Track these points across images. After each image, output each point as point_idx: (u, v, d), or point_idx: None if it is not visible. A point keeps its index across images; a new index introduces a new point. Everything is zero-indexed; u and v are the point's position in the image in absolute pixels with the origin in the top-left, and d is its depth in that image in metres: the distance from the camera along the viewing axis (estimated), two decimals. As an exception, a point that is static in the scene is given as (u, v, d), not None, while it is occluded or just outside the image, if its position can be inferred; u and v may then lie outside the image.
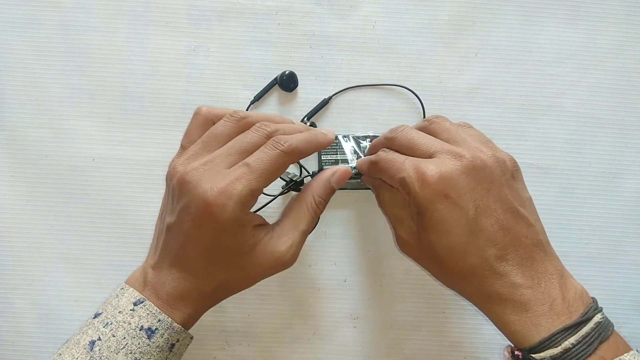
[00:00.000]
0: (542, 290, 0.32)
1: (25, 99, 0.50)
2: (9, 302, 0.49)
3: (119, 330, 0.34)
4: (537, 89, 0.51)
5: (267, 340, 0.50)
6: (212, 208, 0.33)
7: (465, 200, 0.32)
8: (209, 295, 0.37)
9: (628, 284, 0.51)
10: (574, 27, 0.52)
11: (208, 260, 0.35)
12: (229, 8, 0.51)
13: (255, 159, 0.34)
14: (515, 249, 0.33)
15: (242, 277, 0.37)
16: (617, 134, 0.51)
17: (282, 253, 0.36)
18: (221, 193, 0.33)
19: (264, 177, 0.34)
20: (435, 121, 0.38)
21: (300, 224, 0.38)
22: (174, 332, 0.35)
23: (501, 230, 0.33)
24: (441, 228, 0.33)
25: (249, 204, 0.34)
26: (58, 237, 0.50)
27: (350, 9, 0.51)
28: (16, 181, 0.50)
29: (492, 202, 0.33)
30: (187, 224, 0.34)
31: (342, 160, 0.49)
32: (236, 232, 0.34)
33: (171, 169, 0.36)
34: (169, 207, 0.36)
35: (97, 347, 0.33)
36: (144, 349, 0.34)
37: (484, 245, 0.33)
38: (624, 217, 0.51)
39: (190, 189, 0.33)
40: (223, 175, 0.34)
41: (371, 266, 0.50)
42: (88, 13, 0.50)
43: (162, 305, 0.35)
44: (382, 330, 0.50)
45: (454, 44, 0.51)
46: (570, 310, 0.32)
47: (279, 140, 0.35)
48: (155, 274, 0.36)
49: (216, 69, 0.51)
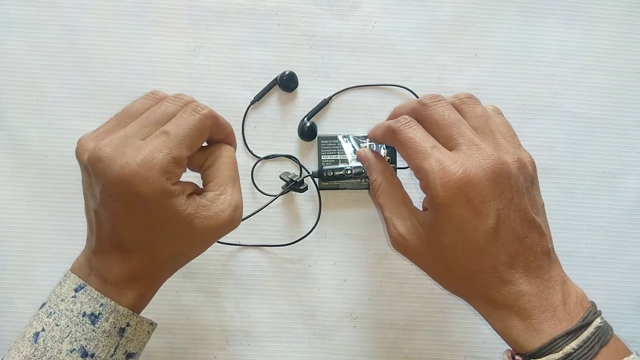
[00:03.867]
0: (546, 297, 0.32)
1: (25, 99, 0.50)
2: (9, 302, 0.49)
3: (62, 319, 0.33)
4: (536, 89, 0.51)
5: (267, 340, 0.50)
6: (133, 184, 0.30)
7: (488, 208, 0.31)
8: (159, 269, 0.35)
9: (628, 284, 0.51)
10: (573, 28, 0.52)
11: (148, 236, 0.33)
12: (228, 8, 0.51)
13: (174, 125, 0.32)
14: (525, 257, 0.32)
15: (191, 246, 0.35)
16: (616, 134, 0.51)
17: (227, 213, 0.34)
18: (140, 166, 0.30)
19: (185, 143, 0.32)
20: (468, 102, 0.35)
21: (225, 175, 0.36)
22: (119, 315, 0.33)
23: (516, 240, 0.32)
24: (457, 232, 0.32)
25: (174, 173, 0.32)
26: (58, 237, 0.50)
27: (350, 9, 0.51)
28: (16, 181, 0.50)
29: (512, 212, 0.32)
30: (113, 205, 0.32)
31: (342, 160, 0.49)
32: (167, 204, 0.32)
33: (79, 146, 0.34)
34: (89, 191, 0.34)
35: (41, 338, 0.32)
36: (89, 335, 0.33)
37: (497, 253, 0.32)
38: (624, 217, 0.51)
39: (104, 168, 0.31)
40: (138, 147, 0.31)
41: (371, 266, 0.50)
42: (88, 13, 0.50)
43: (110, 288, 0.33)
44: (382, 330, 0.50)
45: (454, 44, 0.51)
46: (571, 316, 0.32)
47: (198, 105, 0.34)
48: (98, 259, 0.34)
49: (216, 69, 0.51)
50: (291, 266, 0.50)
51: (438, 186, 0.31)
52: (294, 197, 0.50)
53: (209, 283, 0.50)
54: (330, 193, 0.50)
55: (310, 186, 0.49)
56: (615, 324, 0.34)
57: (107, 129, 0.34)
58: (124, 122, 0.34)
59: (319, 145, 0.49)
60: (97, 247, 0.34)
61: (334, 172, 0.47)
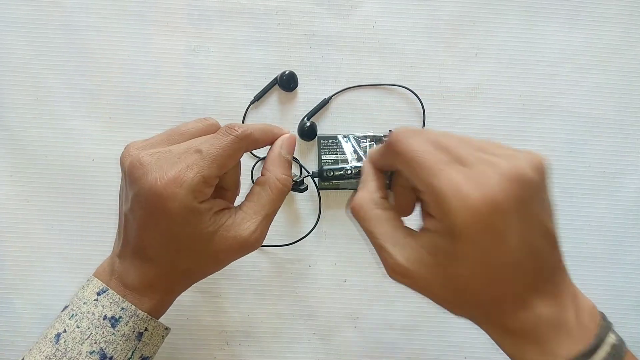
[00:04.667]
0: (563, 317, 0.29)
1: (25, 99, 0.50)
2: (9, 302, 0.49)
3: (83, 321, 0.34)
4: (538, 89, 0.51)
5: (267, 340, 0.50)
6: (162, 198, 0.31)
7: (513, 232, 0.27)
8: (175, 281, 0.36)
9: (628, 284, 0.51)
10: (575, 28, 0.52)
11: (167, 249, 0.34)
12: (229, 8, 0.51)
13: (207, 145, 0.33)
14: (542, 275, 0.29)
15: (207, 263, 0.36)
16: (617, 134, 0.51)
17: (245, 238, 0.35)
18: (171, 182, 0.31)
19: (216, 163, 0.33)
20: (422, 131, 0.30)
21: (264, 208, 0.36)
22: (139, 319, 0.34)
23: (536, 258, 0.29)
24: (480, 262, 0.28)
25: (202, 192, 0.33)
26: (58, 237, 0.50)
27: (350, 9, 0.51)
28: (16, 181, 0.50)
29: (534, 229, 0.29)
30: (140, 213, 0.33)
31: (342, 160, 0.49)
32: (191, 222, 0.33)
33: (125, 151, 0.35)
34: (124, 195, 0.35)
35: (62, 339, 0.33)
36: (109, 338, 0.34)
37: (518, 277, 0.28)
38: (624, 217, 0.51)
39: (140, 177, 0.32)
40: (173, 163, 0.32)
41: (371, 266, 0.50)
42: (88, 13, 0.50)
43: (129, 293, 0.34)
44: (382, 330, 0.50)
45: (454, 43, 0.51)
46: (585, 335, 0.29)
47: (232, 126, 0.34)
48: (120, 263, 0.35)
49: (216, 69, 0.51)
50: (291, 266, 0.50)
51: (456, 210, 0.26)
52: (294, 197, 0.50)
53: (209, 283, 0.50)
54: (330, 193, 0.50)
55: (310, 186, 0.49)
56: (615, 324, 0.34)
57: (155, 142, 0.35)
58: (172, 139, 0.35)
59: (319, 145, 0.49)
60: (122, 251, 0.35)
61: (334, 172, 0.47)
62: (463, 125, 0.51)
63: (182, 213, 0.32)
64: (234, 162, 0.35)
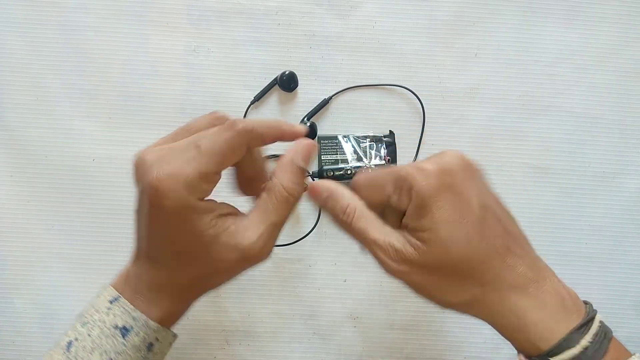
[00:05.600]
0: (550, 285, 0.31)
1: (25, 99, 0.50)
2: (9, 302, 0.49)
3: (95, 330, 0.33)
4: (537, 89, 0.51)
5: (267, 340, 0.50)
6: (160, 193, 0.30)
7: (469, 189, 0.31)
8: (184, 288, 0.35)
9: (628, 284, 0.51)
10: (573, 28, 0.52)
11: (171, 250, 0.33)
12: (228, 8, 0.51)
13: (206, 140, 0.32)
14: (514, 241, 0.32)
15: (212, 271, 0.34)
16: (616, 134, 0.51)
17: (245, 248, 0.33)
18: (167, 177, 0.30)
19: (214, 159, 0.31)
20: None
21: (270, 216, 0.34)
22: (150, 330, 0.34)
23: (499, 222, 0.31)
24: (452, 218, 0.30)
25: (200, 188, 0.31)
26: (58, 237, 0.50)
27: (350, 9, 0.51)
28: (16, 181, 0.50)
29: (486, 193, 0.32)
30: (143, 211, 0.32)
31: (342, 160, 0.49)
32: (187, 219, 0.31)
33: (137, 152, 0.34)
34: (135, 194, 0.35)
35: (73, 347, 0.33)
36: (119, 349, 0.33)
37: (492, 236, 0.31)
38: (624, 217, 0.51)
39: (142, 173, 0.31)
40: (172, 158, 0.31)
41: (371, 266, 0.50)
42: (88, 13, 0.50)
43: (139, 299, 0.34)
44: (382, 330, 0.50)
45: (454, 44, 0.51)
46: (577, 308, 0.31)
47: (235, 121, 0.32)
48: (134, 265, 0.35)
49: (216, 69, 0.51)
50: (291, 266, 0.50)
51: (419, 179, 0.31)
52: (294, 197, 0.50)
53: (209, 283, 0.50)
54: (330, 193, 0.50)
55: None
56: (615, 324, 0.34)
57: (163, 140, 0.34)
58: (179, 136, 0.34)
59: (319, 145, 0.49)
60: (136, 252, 0.35)
61: (334, 172, 0.47)
62: (462, 125, 0.51)
63: (179, 210, 0.31)
64: (235, 158, 0.33)
